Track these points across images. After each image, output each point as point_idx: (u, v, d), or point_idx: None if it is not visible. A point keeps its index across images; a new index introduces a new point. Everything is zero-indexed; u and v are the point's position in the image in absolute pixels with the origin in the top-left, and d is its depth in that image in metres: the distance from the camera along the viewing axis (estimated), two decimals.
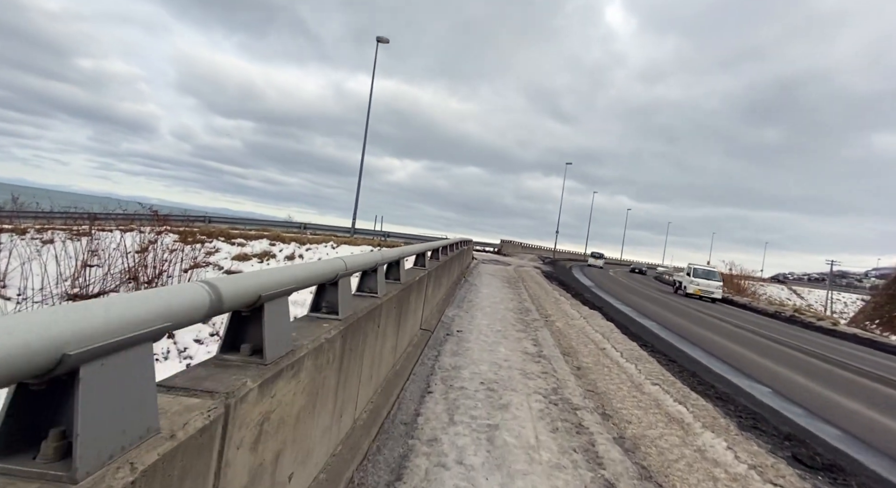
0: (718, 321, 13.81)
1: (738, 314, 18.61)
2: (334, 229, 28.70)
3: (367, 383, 3.31)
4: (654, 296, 20.58)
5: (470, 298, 9.91)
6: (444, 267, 8.85)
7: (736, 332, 11.37)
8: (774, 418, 4.77)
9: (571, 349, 6.41)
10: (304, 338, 2.11)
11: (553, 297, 12.04)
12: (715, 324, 12.59)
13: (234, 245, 23.91)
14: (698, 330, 10.72)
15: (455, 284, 11.52)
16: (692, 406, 4.44)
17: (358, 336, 2.91)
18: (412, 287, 4.99)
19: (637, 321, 10.67)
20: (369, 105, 26.18)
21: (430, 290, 6.68)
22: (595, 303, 12.33)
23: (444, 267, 8.85)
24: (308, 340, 2.11)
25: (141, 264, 17.19)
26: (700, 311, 16.42)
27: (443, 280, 8.74)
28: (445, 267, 9.30)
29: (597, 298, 14.94)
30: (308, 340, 2.11)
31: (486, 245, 38.80)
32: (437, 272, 8.08)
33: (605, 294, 17.70)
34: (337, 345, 2.46)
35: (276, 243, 25.41)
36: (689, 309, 16.85)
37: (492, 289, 12.16)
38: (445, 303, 8.73)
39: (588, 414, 4.06)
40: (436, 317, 7.08)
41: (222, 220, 26.25)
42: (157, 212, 19.59)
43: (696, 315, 14.68)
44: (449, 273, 10.03)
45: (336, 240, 26.90)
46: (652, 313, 13.05)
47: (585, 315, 9.21)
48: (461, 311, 8.26)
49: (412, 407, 3.74)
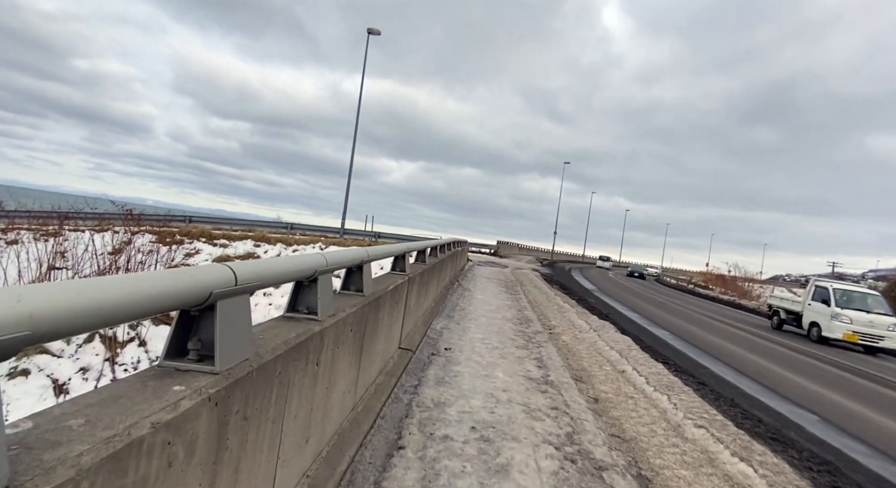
0: (741, 332, 12.73)
1: (738, 315, 17.55)
2: (324, 230, 27.51)
3: (294, 452, 2.15)
4: (661, 301, 19.49)
5: (462, 306, 8.76)
6: (432, 271, 7.71)
7: (770, 349, 10.29)
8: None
9: (584, 372, 5.27)
10: None
11: (556, 304, 10.91)
12: (742, 340, 11.50)
13: (215, 246, 22.61)
14: (718, 341, 9.63)
15: (446, 290, 10.37)
16: (759, 464, 3.29)
17: (265, 391, 1.74)
18: (383, 300, 3.83)
19: (653, 333, 9.56)
20: (359, 102, 25.04)
21: (414, 300, 5.54)
22: (602, 311, 11.21)
23: (432, 271, 7.71)
24: None
25: (112, 267, 15.87)
26: (710, 317, 15.34)
27: (431, 286, 7.60)
28: (434, 271, 8.16)
29: (602, 304, 13.81)
30: None
31: (483, 246, 37.70)
32: (424, 277, 6.94)
33: (611, 299, 16.59)
34: (200, 427, 1.30)
35: (261, 244, 24.14)
36: (699, 315, 15.76)
37: (487, 294, 11.02)
38: (434, 312, 7.58)
39: (619, 479, 2.92)
40: (421, 331, 5.93)
41: (206, 220, 25.01)
42: (131, 211, 18.38)
43: (707, 321, 13.59)
44: (439, 277, 8.89)
45: (325, 240, 25.72)
46: (662, 320, 11.95)
47: (595, 326, 8.08)
48: (452, 323, 7.11)
49: (370, 479, 2.58)
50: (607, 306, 13.59)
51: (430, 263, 7.45)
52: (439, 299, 8.87)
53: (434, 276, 8.05)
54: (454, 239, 14.29)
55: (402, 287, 4.77)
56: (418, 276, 5.93)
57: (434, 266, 8.04)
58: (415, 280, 5.49)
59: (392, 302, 4.36)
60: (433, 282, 8.02)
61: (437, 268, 8.71)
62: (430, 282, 7.51)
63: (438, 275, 8.75)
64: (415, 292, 5.63)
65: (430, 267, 7.20)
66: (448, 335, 6.22)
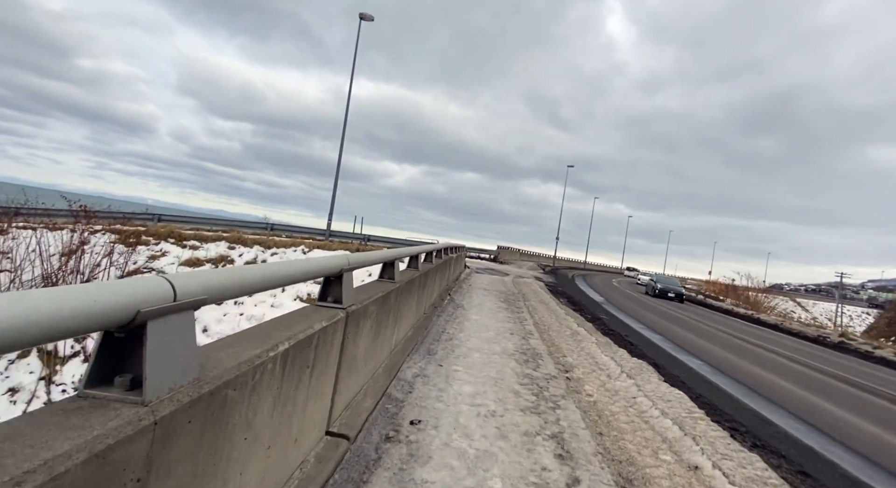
0: (769, 353, 10.70)
1: (776, 338, 15.52)
2: (309, 231, 25.49)
3: None
4: (676, 316, 17.45)
5: (451, 334, 6.75)
6: (410, 289, 5.70)
7: (825, 383, 8.25)
8: None
9: (633, 468, 3.25)
10: None
11: (568, 326, 8.88)
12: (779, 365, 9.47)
13: (185, 248, 20.58)
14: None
15: (433, 309, 8.36)
16: None
17: None
18: (288, 365, 1.85)
19: (703, 377, 7.53)
20: (348, 97, 23.11)
21: (364, 342, 3.54)
22: (621, 333, 9.19)
23: (410, 289, 5.70)
24: None
25: (63, 270, 13.66)
26: (744, 339, 13.31)
27: (405, 311, 5.59)
28: (415, 288, 6.15)
29: (617, 323, 11.78)
30: None
31: (482, 251, 35.69)
32: (398, 297, 4.94)
33: (624, 313, 14.55)
34: None
35: (237, 246, 22.16)
36: (729, 336, 13.72)
37: (484, 313, 9.01)
38: (409, 345, 5.57)
39: None
40: (379, 386, 3.92)
41: (181, 219, 22.97)
42: (85, 208, 16.41)
43: (748, 349, 11.56)
44: (420, 296, 6.88)
45: (309, 243, 23.72)
46: (694, 347, 9.92)
47: (629, 369, 5.99)
48: (431, 364, 5.09)
49: None
50: (623, 325, 11.57)
51: (406, 277, 5.45)
52: (420, 324, 6.86)
53: (412, 297, 6.04)
54: (448, 244, 12.29)
55: (337, 328, 2.77)
56: (381, 302, 3.93)
57: (415, 280, 6.03)
58: (367, 312, 3.49)
59: (321, 349, 2.37)
60: (411, 304, 6.01)
61: (420, 284, 6.71)
62: (405, 304, 5.50)
63: (420, 294, 6.74)
64: (368, 330, 3.62)
65: (404, 284, 5.20)
66: (422, 390, 4.20)
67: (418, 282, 6.55)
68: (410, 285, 5.80)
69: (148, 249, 19.22)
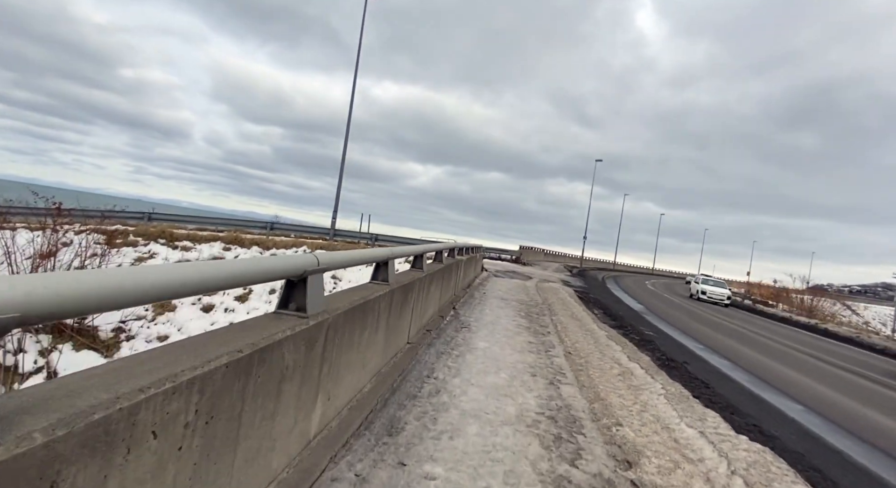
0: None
1: (880, 364, 12.51)
2: (313, 230, 23.58)
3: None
4: (733, 328, 14.56)
5: (440, 378, 4.42)
6: (375, 313, 3.42)
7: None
8: None
9: None
10: None
11: (613, 358, 6.39)
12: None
13: (176, 249, 18.97)
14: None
15: (424, 334, 6.04)
16: None
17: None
18: None
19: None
20: (352, 93, 21.08)
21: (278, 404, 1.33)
22: (696, 375, 6.63)
23: (375, 313, 3.42)
24: None
25: (34, 271, 12.13)
26: (844, 367, 10.48)
27: (372, 347, 3.30)
28: (383, 313, 3.87)
29: (677, 348, 9.21)
30: None
31: (503, 252, 33.13)
32: (343, 334, 2.67)
33: (675, 329, 11.87)
34: None
35: (233, 247, 20.38)
36: (817, 360, 10.90)
37: (497, 337, 6.65)
38: (365, 406, 3.28)
39: None
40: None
41: (178, 218, 21.36)
42: (61, 205, 14.85)
43: (863, 385, 8.79)
44: (395, 323, 4.55)
45: (312, 243, 21.80)
46: (810, 397, 7.29)
47: (741, 464, 3.47)
48: (385, 464, 2.78)
49: None
50: (684, 351, 8.99)
51: (355, 298, 3.19)
52: (396, 362, 4.55)
53: (378, 324, 3.74)
54: (456, 243, 9.94)
55: None
56: (311, 345, 1.69)
57: (377, 302, 3.75)
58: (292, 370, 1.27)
59: None
60: (373, 338, 3.72)
61: (391, 308, 4.41)
62: (357, 341, 3.23)
63: (391, 322, 4.43)
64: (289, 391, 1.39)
65: (357, 307, 2.96)
66: None
67: (399, 297, 4.26)
68: (374, 308, 3.54)
69: (135, 250, 17.66)
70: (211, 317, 15.11)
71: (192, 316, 14.88)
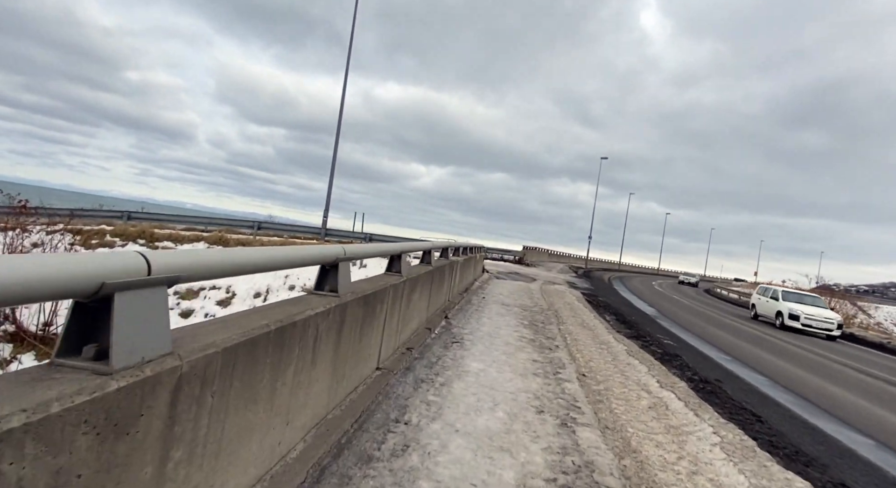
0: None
1: None
2: (303, 229, 22.43)
3: None
4: (759, 337, 13.30)
5: (414, 421, 3.23)
6: (326, 336, 2.26)
7: None
8: None
9: None
10: None
11: (639, 382, 5.16)
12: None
13: (156, 250, 17.95)
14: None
15: (403, 354, 4.85)
16: None
17: None
18: None
19: None
20: (344, 88, 19.96)
21: None
22: (747, 406, 5.40)
23: (326, 336, 2.26)
24: None
25: None
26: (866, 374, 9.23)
27: (310, 385, 2.14)
28: (365, 321, 2.70)
29: (704, 362, 8.00)
30: None
31: (506, 252, 31.89)
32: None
33: (695, 337, 10.64)
34: None
35: (218, 247, 19.25)
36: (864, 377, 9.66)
37: (495, 354, 5.45)
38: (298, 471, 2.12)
39: None
40: None
41: (163, 217, 20.20)
42: (25, 204, 13.81)
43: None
44: (371, 338, 3.36)
45: (303, 243, 20.66)
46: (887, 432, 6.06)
47: None
48: None
49: None
50: (709, 363, 7.79)
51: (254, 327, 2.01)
52: (353, 404, 3.37)
53: (324, 350, 2.57)
54: (447, 243, 8.75)
55: None
56: None
57: (341, 310, 2.59)
58: None
59: None
60: (316, 369, 2.55)
61: (354, 321, 3.23)
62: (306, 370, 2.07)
63: (354, 347, 3.24)
64: None
65: (258, 340, 1.79)
66: None
67: (343, 319, 3.08)
68: (301, 333, 2.38)
69: (112, 252, 16.59)
70: (189, 322, 14.07)
71: (172, 323, 13.93)
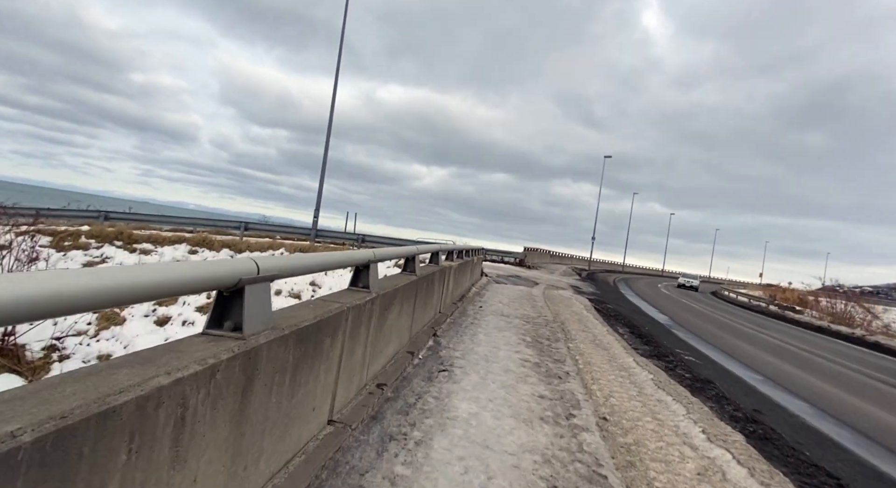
0: None
1: None
2: (294, 231, 21.31)
3: None
4: (783, 347, 12.13)
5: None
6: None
7: None
8: None
9: None
10: None
11: (674, 428, 4.02)
12: None
13: (134, 253, 16.80)
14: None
15: (374, 391, 3.73)
16: None
17: None
18: None
19: None
20: (336, 80, 18.80)
21: None
22: (826, 468, 4.26)
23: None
24: None
25: None
26: None
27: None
28: (303, 364, 1.59)
29: (741, 388, 6.87)
30: None
31: (506, 254, 30.73)
32: None
33: (718, 352, 9.50)
34: None
35: (201, 250, 18.18)
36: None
37: (491, 389, 4.33)
38: None
39: None
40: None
41: (139, 217, 19.10)
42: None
43: None
44: (314, 386, 2.25)
45: (292, 245, 19.57)
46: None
47: None
48: None
49: None
50: (742, 387, 6.66)
51: None
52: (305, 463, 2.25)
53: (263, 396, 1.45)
54: (439, 246, 7.60)
55: None
56: None
57: (248, 358, 1.43)
58: None
59: None
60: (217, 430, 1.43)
61: (284, 368, 2.12)
62: None
63: (284, 404, 2.13)
64: None
65: None
66: None
67: (256, 372, 1.97)
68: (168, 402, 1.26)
69: (85, 254, 15.49)
70: (165, 331, 12.85)
71: (143, 330, 12.64)
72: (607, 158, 43.53)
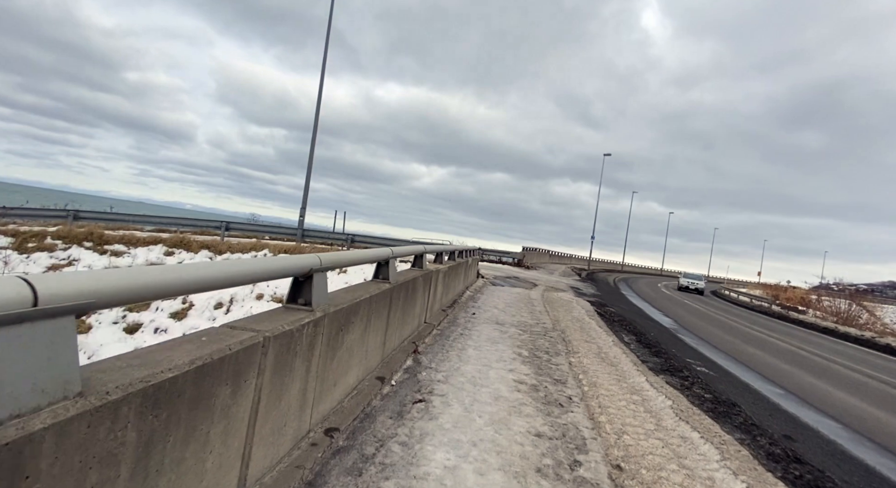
0: None
1: None
2: (279, 231, 20.39)
3: None
4: (800, 354, 11.33)
5: None
6: None
7: None
8: None
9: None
10: None
11: (708, 483, 3.22)
12: None
13: (105, 254, 15.88)
14: None
15: (324, 439, 2.89)
16: None
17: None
18: None
19: None
20: (322, 78, 17.96)
21: None
22: None
23: None
24: None
25: None
26: None
27: None
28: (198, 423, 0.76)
29: (765, 406, 6.07)
30: None
31: (504, 254, 29.89)
32: None
33: (738, 365, 8.68)
34: None
35: (178, 251, 17.26)
36: None
37: (476, 427, 3.50)
38: None
39: None
40: None
41: (111, 217, 18.05)
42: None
43: None
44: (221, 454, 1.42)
45: (277, 246, 18.65)
46: None
47: None
48: None
49: None
50: (766, 406, 5.86)
51: None
52: None
53: None
54: (424, 248, 6.73)
55: None
56: None
57: None
58: None
59: None
60: None
61: (161, 435, 1.28)
62: None
63: None
64: None
65: None
66: None
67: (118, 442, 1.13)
68: None
69: (51, 256, 14.53)
70: (135, 339, 11.94)
71: (111, 338, 11.72)
72: (607, 156, 42.75)
